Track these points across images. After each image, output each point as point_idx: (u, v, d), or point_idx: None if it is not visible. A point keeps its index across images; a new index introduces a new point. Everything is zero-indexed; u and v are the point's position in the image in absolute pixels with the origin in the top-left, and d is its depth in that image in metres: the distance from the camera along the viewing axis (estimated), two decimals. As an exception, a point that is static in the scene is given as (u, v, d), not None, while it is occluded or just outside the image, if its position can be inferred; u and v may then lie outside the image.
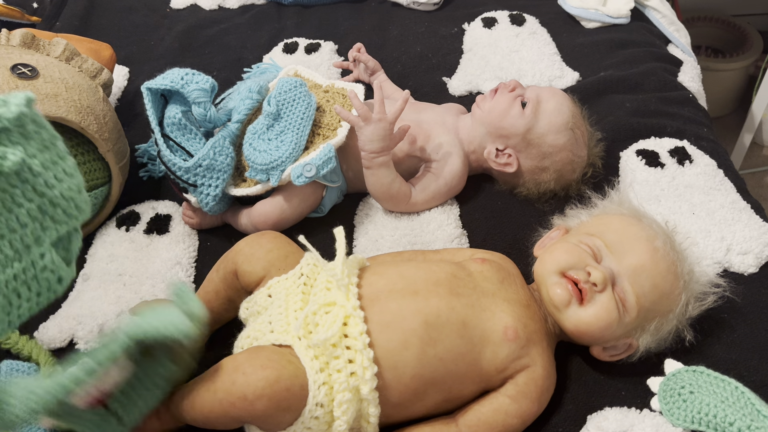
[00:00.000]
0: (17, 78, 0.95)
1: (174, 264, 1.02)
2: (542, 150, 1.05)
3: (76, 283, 1.01)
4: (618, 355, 0.84)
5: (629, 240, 0.82)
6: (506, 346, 0.79)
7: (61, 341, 0.92)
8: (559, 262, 0.83)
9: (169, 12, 1.64)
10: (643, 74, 1.32)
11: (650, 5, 1.51)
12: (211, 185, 1.00)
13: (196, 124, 1.04)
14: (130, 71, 1.44)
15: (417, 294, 0.79)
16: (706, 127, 1.23)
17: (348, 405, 0.73)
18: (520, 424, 0.79)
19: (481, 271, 0.85)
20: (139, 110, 1.27)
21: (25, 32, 1.06)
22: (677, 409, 0.78)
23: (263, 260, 0.85)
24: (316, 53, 1.42)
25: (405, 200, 1.05)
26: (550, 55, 1.38)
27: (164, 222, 1.08)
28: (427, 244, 1.02)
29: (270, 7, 1.63)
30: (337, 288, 0.78)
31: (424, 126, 1.08)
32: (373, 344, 0.75)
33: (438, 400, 0.79)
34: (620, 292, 0.80)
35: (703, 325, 0.87)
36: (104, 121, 1.03)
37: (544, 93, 1.07)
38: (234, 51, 1.48)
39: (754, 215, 1.03)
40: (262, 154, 1.00)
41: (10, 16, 1.54)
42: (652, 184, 1.08)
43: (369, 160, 1.01)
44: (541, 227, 0.98)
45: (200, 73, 1.02)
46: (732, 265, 0.97)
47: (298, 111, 1.03)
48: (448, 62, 1.39)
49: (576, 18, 1.50)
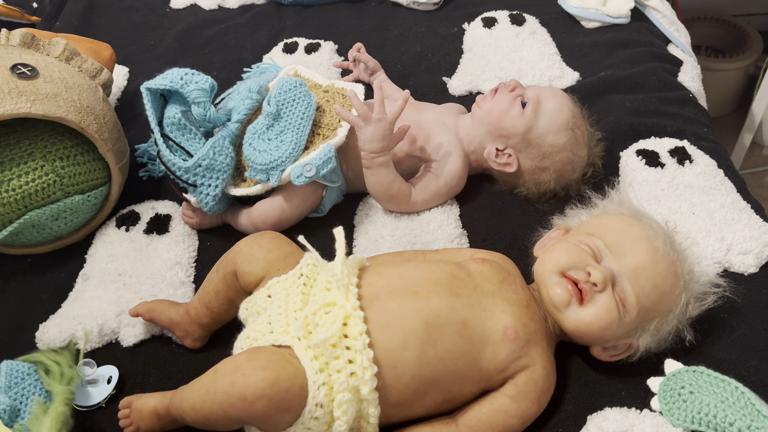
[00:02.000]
0: (17, 78, 0.95)
1: (174, 264, 1.02)
2: (542, 150, 1.05)
3: (76, 283, 1.01)
4: (618, 355, 0.84)
5: (629, 240, 0.82)
6: (506, 346, 0.79)
7: (60, 341, 0.92)
8: (559, 262, 0.83)
9: (169, 12, 1.64)
10: (643, 74, 1.32)
11: (650, 5, 1.50)
12: (210, 185, 1.00)
13: (195, 124, 1.04)
14: (130, 71, 1.44)
15: (417, 294, 0.79)
16: (706, 127, 1.23)
17: (348, 405, 0.73)
18: (520, 424, 0.79)
19: (481, 271, 0.85)
20: (139, 110, 1.27)
21: (25, 32, 1.06)
22: (677, 409, 0.77)
23: (263, 260, 0.85)
24: (316, 53, 1.42)
25: (405, 200, 1.05)
26: (550, 55, 1.37)
27: (164, 222, 1.08)
28: (427, 244, 1.02)
29: (270, 7, 1.63)
30: (337, 288, 0.78)
31: (424, 126, 1.08)
32: (373, 344, 0.75)
33: (438, 400, 0.79)
34: (620, 292, 0.80)
35: (703, 325, 0.87)
36: (104, 121, 1.03)
37: (544, 93, 1.07)
38: (234, 51, 1.47)
39: (754, 215, 1.03)
40: (262, 154, 1.00)
41: (10, 16, 1.54)
42: (652, 184, 1.08)
43: (369, 160, 1.01)
44: (541, 227, 0.98)
45: (200, 73, 1.02)
46: (732, 265, 0.97)
47: (298, 111, 1.02)
48: (448, 62, 1.39)
49: (576, 18, 1.50)
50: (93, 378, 0.87)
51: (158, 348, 0.93)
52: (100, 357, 0.91)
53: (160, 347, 0.93)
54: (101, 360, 0.90)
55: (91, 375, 0.87)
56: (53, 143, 0.99)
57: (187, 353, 0.92)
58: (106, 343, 0.93)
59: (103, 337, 0.93)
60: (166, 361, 0.91)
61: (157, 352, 0.93)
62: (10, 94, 0.93)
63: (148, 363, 0.91)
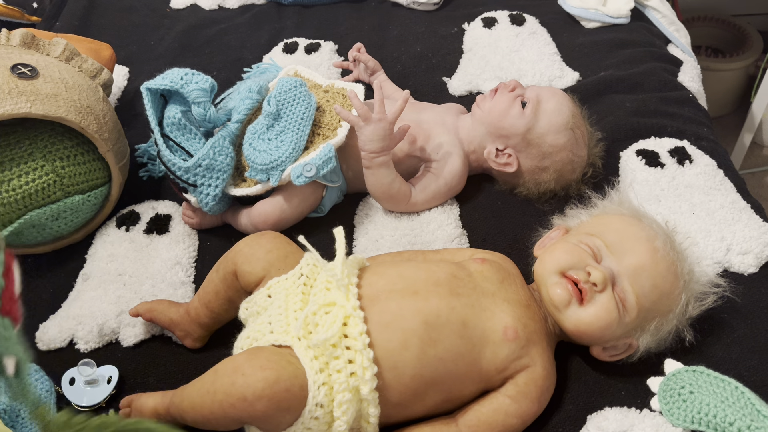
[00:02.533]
0: (17, 78, 0.95)
1: (174, 264, 1.02)
2: (542, 150, 1.05)
3: (76, 283, 1.01)
4: (618, 355, 0.84)
5: (629, 240, 0.82)
6: (506, 346, 0.79)
7: (61, 341, 0.92)
8: (559, 262, 0.83)
9: (169, 12, 1.64)
10: (643, 74, 1.32)
11: (650, 5, 1.50)
12: (210, 185, 1.00)
13: (195, 124, 1.04)
14: (130, 71, 1.44)
15: (417, 294, 0.79)
16: (706, 127, 1.23)
17: (348, 405, 0.73)
18: (520, 424, 0.79)
19: (481, 271, 0.85)
20: (139, 110, 1.27)
21: (25, 32, 1.06)
22: (677, 409, 0.77)
23: (263, 260, 0.85)
24: (316, 53, 1.42)
25: (405, 200, 1.05)
26: (550, 55, 1.37)
27: (164, 222, 1.08)
28: (427, 244, 1.02)
29: (270, 7, 1.63)
30: (337, 288, 0.78)
31: (424, 126, 1.08)
32: (373, 344, 0.75)
33: (438, 400, 0.79)
34: (620, 292, 0.80)
35: (703, 325, 0.87)
36: (104, 121, 1.03)
37: (544, 93, 1.07)
38: (234, 51, 1.47)
39: (754, 215, 1.03)
40: (262, 154, 1.00)
41: (10, 16, 1.54)
42: (652, 184, 1.08)
43: (369, 160, 1.01)
44: (541, 227, 0.98)
45: (200, 73, 1.02)
46: (732, 265, 0.97)
47: (298, 111, 1.02)
48: (448, 62, 1.39)
49: (576, 18, 1.50)
50: (93, 378, 0.87)
51: (158, 348, 0.93)
52: (100, 357, 0.91)
53: (160, 347, 0.93)
54: (101, 360, 0.90)
55: (91, 375, 0.87)
56: (53, 143, 0.99)
57: (187, 353, 0.92)
58: (106, 343, 0.93)
59: (103, 337, 0.93)
60: (166, 361, 0.91)
61: (157, 352, 0.93)
62: (10, 94, 0.93)
63: (148, 363, 0.91)
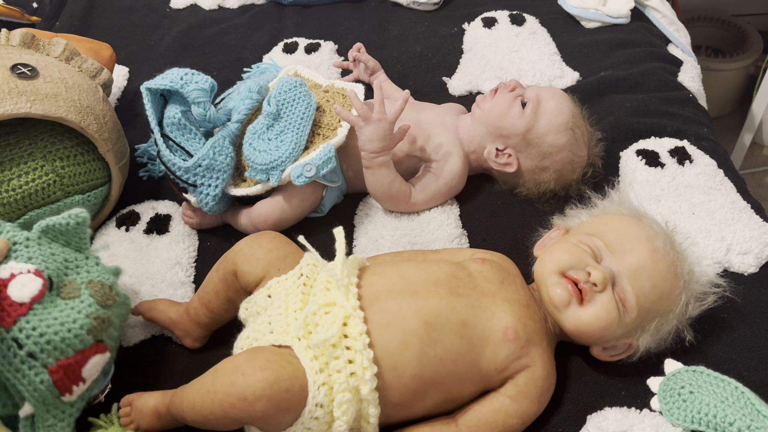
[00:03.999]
0: (17, 78, 0.95)
1: (174, 264, 1.02)
2: (542, 150, 1.05)
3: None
4: (618, 355, 0.84)
5: (629, 240, 0.82)
6: (506, 346, 0.79)
7: (60, 341, 0.92)
8: (559, 262, 0.83)
9: (169, 12, 1.64)
10: (643, 74, 1.32)
11: (650, 5, 1.51)
12: (210, 185, 1.00)
13: (195, 124, 1.04)
14: (130, 71, 1.44)
15: (417, 294, 0.79)
16: (706, 127, 1.23)
17: (348, 405, 0.73)
18: (520, 424, 0.79)
19: (481, 271, 0.85)
20: (139, 110, 1.27)
21: (25, 32, 1.06)
22: (677, 409, 0.77)
23: (263, 260, 0.85)
24: (316, 53, 1.42)
25: (405, 200, 1.05)
26: (550, 55, 1.37)
27: (164, 222, 1.08)
28: (427, 244, 1.02)
29: (270, 7, 1.63)
30: (337, 288, 0.78)
31: (424, 126, 1.08)
32: (373, 344, 0.75)
33: (438, 401, 0.79)
34: (620, 292, 0.80)
35: (703, 325, 0.87)
36: (104, 121, 1.03)
37: (544, 93, 1.07)
38: (234, 51, 1.47)
39: (754, 215, 1.03)
40: (262, 154, 1.00)
41: (10, 16, 1.54)
42: (652, 184, 1.08)
43: (369, 160, 1.01)
44: (541, 227, 0.98)
45: (200, 73, 1.02)
46: (732, 265, 0.97)
47: (298, 111, 1.02)
48: (448, 62, 1.39)
49: (576, 18, 1.50)
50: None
51: (158, 348, 0.93)
52: (100, 357, 0.91)
53: (160, 347, 0.93)
54: (101, 360, 0.90)
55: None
56: (53, 143, 0.99)
57: (187, 353, 0.92)
58: (106, 343, 0.93)
59: (103, 337, 0.93)
60: (166, 361, 0.91)
61: (157, 352, 0.93)
62: (10, 94, 0.93)
63: (148, 363, 0.91)
